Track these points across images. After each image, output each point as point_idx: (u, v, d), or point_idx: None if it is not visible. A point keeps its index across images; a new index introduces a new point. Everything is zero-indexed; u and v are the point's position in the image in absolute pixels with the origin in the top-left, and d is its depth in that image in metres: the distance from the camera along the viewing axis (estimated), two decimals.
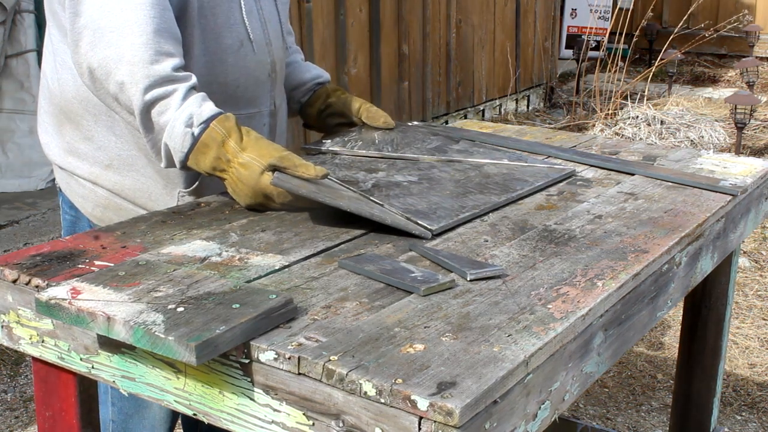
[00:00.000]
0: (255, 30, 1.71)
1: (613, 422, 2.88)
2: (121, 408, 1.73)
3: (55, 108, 1.69)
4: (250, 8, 1.71)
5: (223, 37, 1.65)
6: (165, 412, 1.76)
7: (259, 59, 1.72)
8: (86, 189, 1.70)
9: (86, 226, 1.74)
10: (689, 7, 7.35)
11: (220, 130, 1.50)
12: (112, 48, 1.50)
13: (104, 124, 1.64)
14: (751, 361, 3.27)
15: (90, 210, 1.72)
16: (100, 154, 1.66)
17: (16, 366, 3.19)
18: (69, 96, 1.65)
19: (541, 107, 7.31)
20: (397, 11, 5.38)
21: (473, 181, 1.68)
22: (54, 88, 1.68)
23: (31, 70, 4.43)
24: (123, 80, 1.49)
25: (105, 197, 1.69)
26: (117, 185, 1.68)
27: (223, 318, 1.04)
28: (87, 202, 1.72)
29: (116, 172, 1.67)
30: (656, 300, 1.40)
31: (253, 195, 1.50)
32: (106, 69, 1.50)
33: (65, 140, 1.69)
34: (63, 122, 1.68)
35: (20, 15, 4.37)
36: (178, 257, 1.30)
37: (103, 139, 1.65)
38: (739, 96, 5.47)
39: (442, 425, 0.92)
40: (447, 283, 1.21)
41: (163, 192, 1.67)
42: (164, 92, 1.50)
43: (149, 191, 1.67)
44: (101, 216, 1.71)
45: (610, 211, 1.57)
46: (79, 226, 1.75)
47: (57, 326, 1.23)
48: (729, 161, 1.91)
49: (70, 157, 1.69)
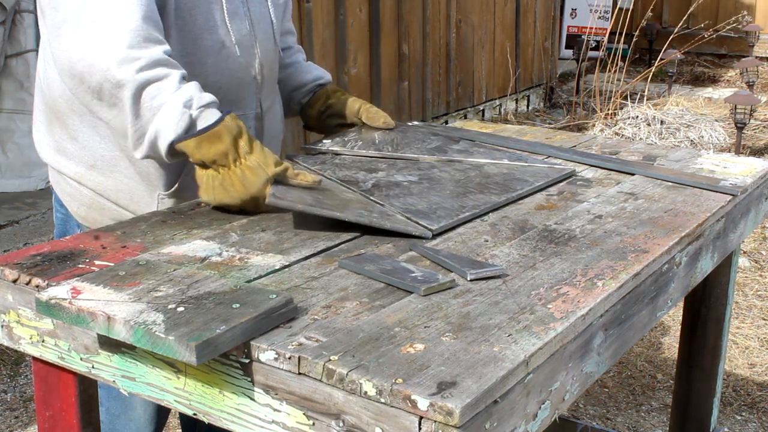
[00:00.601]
0: (239, 31, 1.68)
1: (613, 422, 2.88)
2: (108, 408, 1.73)
3: (45, 107, 1.69)
4: (235, 9, 1.68)
5: (202, 38, 1.63)
6: (150, 412, 1.76)
7: (243, 61, 1.70)
8: (72, 188, 1.71)
9: (75, 224, 1.75)
10: (689, 7, 7.34)
11: (236, 125, 1.49)
12: (96, 37, 1.45)
13: (89, 124, 1.63)
14: (751, 361, 3.27)
15: (75, 209, 1.73)
16: (84, 154, 1.66)
17: (16, 366, 3.19)
18: (56, 95, 1.64)
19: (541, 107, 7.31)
20: (397, 11, 5.38)
21: (473, 181, 1.68)
22: (44, 86, 1.68)
23: (31, 70, 4.43)
24: (109, 66, 1.44)
25: (89, 197, 1.69)
26: (100, 186, 1.67)
27: (224, 318, 1.04)
28: (73, 200, 1.72)
29: (99, 173, 1.67)
30: (656, 300, 1.40)
31: (246, 198, 1.49)
32: (89, 61, 1.45)
33: (54, 139, 1.69)
34: (52, 121, 1.68)
35: (20, 15, 4.37)
36: (179, 257, 1.30)
37: (88, 139, 1.65)
38: (739, 96, 5.47)
39: (442, 425, 0.92)
40: (447, 283, 1.21)
41: (144, 194, 1.67)
42: (157, 75, 1.47)
43: (131, 192, 1.67)
44: (85, 215, 1.72)
45: (610, 211, 1.57)
46: (70, 224, 1.76)
47: (57, 326, 1.23)
48: (729, 161, 1.91)
49: (58, 156, 1.70)
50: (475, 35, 6.32)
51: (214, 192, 1.50)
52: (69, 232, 1.76)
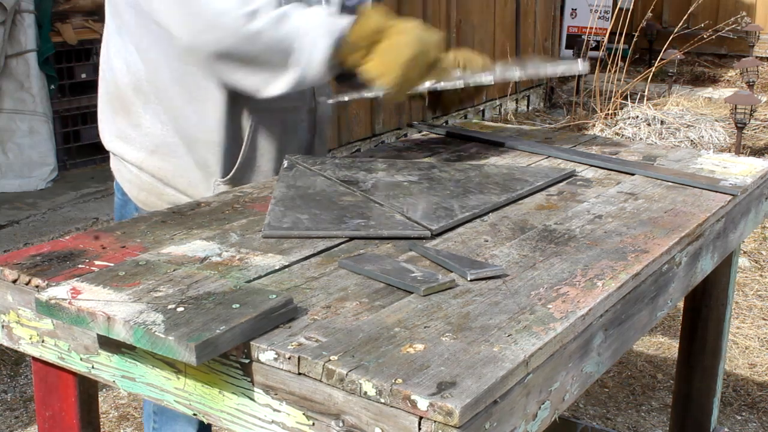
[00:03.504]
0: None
1: (613, 422, 2.88)
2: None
3: (110, 96, 1.78)
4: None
5: None
6: None
7: None
8: (132, 174, 1.80)
9: (133, 208, 1.83)
10: (689, 7, 7.34)
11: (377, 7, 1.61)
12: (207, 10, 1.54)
13: (152, 111, 1.72)
14: (751, 361, 3.27)
15: (135, 194, 1.82)
16: (146, 140, 1.75)
17: (16, 366, 3.19)
18: (121, 84, 1.73)
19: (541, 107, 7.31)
20: (397, 11, 5.38)
21: (473, 181, 1.68)
22: (108, 77, 1.77)
23: (31, 70, 4.43)
24: (257, 7, 1.52)
25: (149, 182, 1.78)
26: (160, 171, 1.76)
27: (223, 318, 1.04)
28: (133, 186, 1.81)
29: (160, 158, 1.75)
30: (656, 300, 1.40)
31: (417, 41, 1.55)
32: (214, 30, 1.54)
33: (117, 126, 1.78)
34: (117, 109, 1.77)
35: (20, 15, 4.37)
36: (178, 257, 1.30)
37: (150, 125, 1.73)
38: (739, 96, 5.47)
39: (442, 425, 0.92)
40: (447, 283, 1.21)
41: (201, 180, 1.74)
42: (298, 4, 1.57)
43: (189, 178, 1.75)
44: (145, 200, 1.81)
45: (610, 211, 1.57)
46: (127, 209, 1.85)
47: (57, 326, 1.23)
48: (729, 161, 1.91)
49: (120, 143, 1.78)
50: (476, 35, 6.32)
51: (386, 56, 1.56)
52: (126, 216, 1.84)
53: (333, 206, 1.51)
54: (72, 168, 4.71)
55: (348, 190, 1.60)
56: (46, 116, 4.52)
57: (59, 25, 4.63)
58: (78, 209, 4.18)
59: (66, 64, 4.67)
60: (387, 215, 1.47)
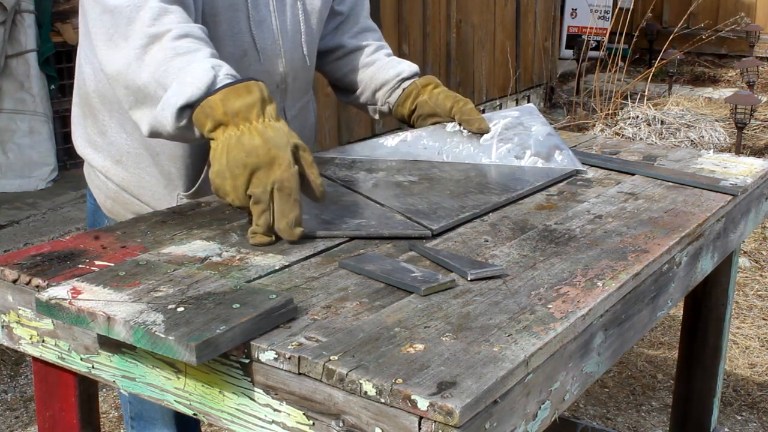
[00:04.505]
0: (264, 40, 1.68)
1: (613, 422, 2.88)
2: None
3: (80, 100, 1.76)
4: (263, 18, 1.67)
5: (224, 45, 1.63)
6: None
7: (265, 69, 1.69)
8: (100, 180, 1.78)
9: (103, 215, 1.81)
10: (689, 7, 7.35)
11: (267, 90, 1.40)
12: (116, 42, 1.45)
13: (117, 120, 1.69)
14: (751, 361, 3.27)
15: (102, 201, 1.80)
16: (111, 149, 1.72)
17: (16, 366, 3.19)
18: (89, 89, 1.71)
19: (542, 107, 7.31)
20: (397, 11, 5.38)
21: (473, 181, 1.68)
22: (79, 81, 1.75)
23: (31, 70, 4.43)
24: (157, 31, 1.42)
25: (114, 190, 1.76)
26: (124, 181, 1.73)
27: (223, 318, 1.04)
28: (101, 192, 1.79)
29: (124, 168, 1.72)
30: (656, 300, 1.40)
31: (262, 154, 1.32)
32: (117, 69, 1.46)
33: (87, 131, 1.76)
34: (86, 114, 1.75)
35: (20, 15, 4.37)
36: (179, 257, 1.30)
37: (115, 134, 1.70)
38: (740, 96, 5.47)
39: (442, 425, 0.92)
40: (447, 283, 1.21)
41: (164, 192, 1.71)
42: (190, 46, 1.42)
43: (152, 190, 1.72)
44: (111, 208, 1.79)
45: (611, 211, 1.57)
46: (99, 214, 1.83)
47: (57, 326, 1.23)
48: (729, 161, 1.91)
49: (89, 148, 1.76)
50: (476, 35, 6.32)
51: (227, 152, 1.34)
52: (98, 222, 1.83)
53: (333, 206, 1.50)
54: (72, 168, 4.71)
55: (348, 190, 1.60)
56: (47, 116, 4.53)
57: (59, 25, 4.63)
58: (78, 209, 4.18)
59: (66, 64, 4.67)
60: (387, 215, 1.47)
